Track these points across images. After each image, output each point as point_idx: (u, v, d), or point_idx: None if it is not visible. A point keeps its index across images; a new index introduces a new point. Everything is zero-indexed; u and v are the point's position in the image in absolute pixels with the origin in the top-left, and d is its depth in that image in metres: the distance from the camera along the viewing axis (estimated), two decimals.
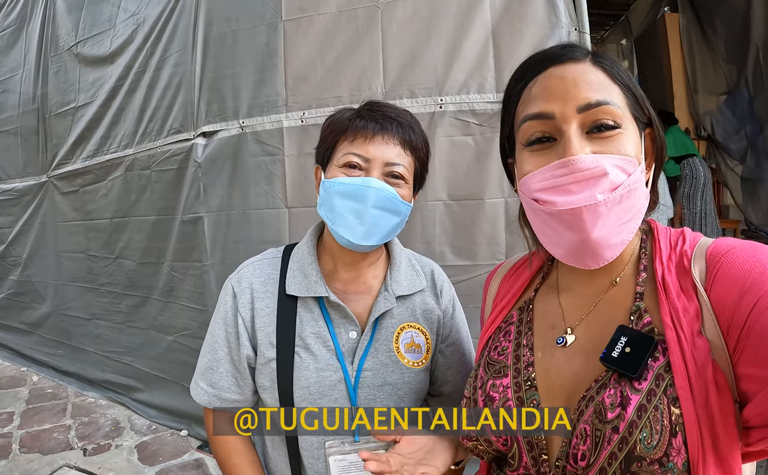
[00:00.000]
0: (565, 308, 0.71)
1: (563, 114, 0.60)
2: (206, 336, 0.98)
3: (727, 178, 4.92)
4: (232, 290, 0.96)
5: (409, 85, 2.11)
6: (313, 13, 2.24)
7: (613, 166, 0.58)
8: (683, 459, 0.53)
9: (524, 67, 0.67)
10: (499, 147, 0.76)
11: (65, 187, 3.44)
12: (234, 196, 2.43)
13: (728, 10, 4.55)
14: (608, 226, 0.59)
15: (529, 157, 0.64)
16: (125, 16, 2.99)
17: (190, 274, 2.68)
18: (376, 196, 0.86)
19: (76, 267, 3.47)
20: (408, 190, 0.92)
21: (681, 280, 0.61)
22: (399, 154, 0.89)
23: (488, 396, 0.69)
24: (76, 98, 3.28)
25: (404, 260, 1.02)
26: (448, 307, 1.04)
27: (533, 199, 0.64)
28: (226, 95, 2.44)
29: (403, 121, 0.91)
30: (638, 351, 0.58)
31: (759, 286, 0.53)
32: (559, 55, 0.64)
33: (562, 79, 0.62)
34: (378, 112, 0.90)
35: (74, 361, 3.60)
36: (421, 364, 0.97)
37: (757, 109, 4.44)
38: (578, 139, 0.60)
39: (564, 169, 0.59)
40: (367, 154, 0.87)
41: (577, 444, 0.59)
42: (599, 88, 0.61)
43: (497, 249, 2.03)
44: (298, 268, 0.95)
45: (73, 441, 2.83)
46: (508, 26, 2.04)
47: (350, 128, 0.89)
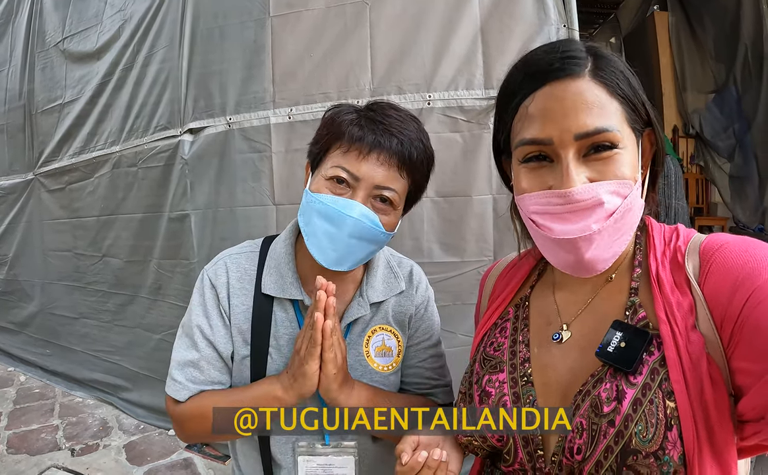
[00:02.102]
0: (560, 305, 0.72)
1: (561, 140, 0.60)
2: (179, 332, 0.94)
3: (715, 176, 4.96)
4: (210, 281, 0.92)
5: (397, 81, 2.11)
6: (301, 9, 2.23)
7: (608, 194, 0.59)
8: (679, 452, 0.53)
9: (521, 77, 0.65)
10: (492, 146, 0.76)
11: (52, 184, 3.40)
12: (221, 194, 2.41)
13: (717, 8, 4.58)
14: (602, 246, 0.60)
15: (526, 174, 0.65)
16: (112, 12, 2.96)
17: (177, 272, 2.66)
18: (354, 226, 0.81)
19: (63, 266, 3.44)
20: (395, 217, 0.87)
21: (675, 275, 0.62)
22: (393, 177, 0.83)
23: (484, 391, 0.69)
24: (62, 95, 3.25)
25: (382, 264, 0.98)
26: (421, 305, 1.00)
27: (530, 219, 0.65)
28: (213, 92, 2.42)
29: (404, 138, 0.83)
30: (633, 346, 0.59)
31: (752, 280, 0.53)
32: (559, 69, 0.61)
33: (561, 102, 0.60)
34: (380, 123, 0.83)
35: (62, 360, 3.56)
36: (391, 368, 0.95)
37: (745, 107, 4.48)
38: (575, 167, 0.60)
39: (560, 199, 0.60)
40: (357, 173, 0.81)
41: (573, 438, 0.60)
42: (598, 111, 0.59)
43: (485, 246, 2.03)
44: (274, 266, 0.92)
45: (61, 441, 2.80)
46: (496, 23, 2.04)
47: (347, 136, 0.82)
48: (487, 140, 2.00)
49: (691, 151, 5.21)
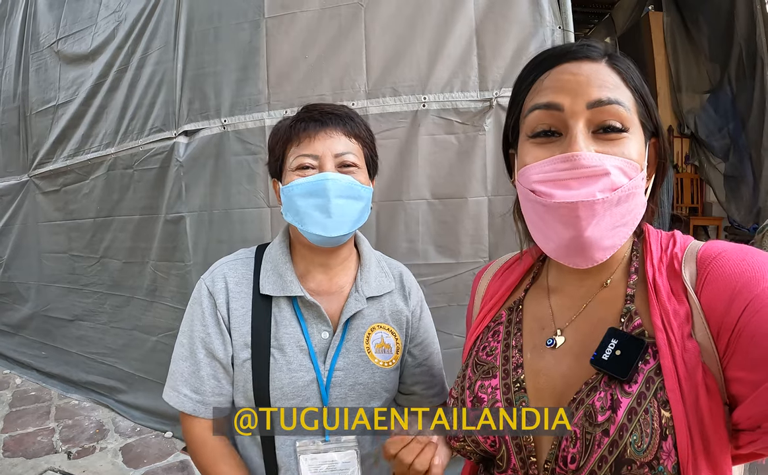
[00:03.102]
0: (555, 309, 0.71)
1: (572, 108, 0.60)
2: (179, 340, 0.96)
3: (710, 175, 4.98)
4: (207, 290, 0.94)
5: (393, 83, 2.11)
6: (296, 11, 2.23)
7: (615, 168, 0.58)
8: (673, 462, 0.52)
9: (538, 60, 0.67)
10: (502, 137, 0.75)
11: (47, 186, 3.38)
12: (216, 196, 2.40)
13: (712, 9, 4.60)
14: (602, 226, 0.59)
15: (532, 148, 0.64)
16: (107, 13, 2.94)
17: (173, 274, 2.65)
18: (335, 187, 0.88)
19: (58, 268, 3.42)
20: (363, 175, 0.94)
21: (671, 282, 0.61)
22: (345, 144, 0.91)
23: (476, 397, 0.69)
24: (56, 96, 3.23)
25: (374, 262, 1.03)
26: (416, 308, 1.05)
27: (531, 190, 0.63)
28: (208, 93, 2.41)
29: (341, 113, 0.93)
30: (628, 354, 0.58)
31: (749, 290, 0.53)
32: (576, 51, 0.63)
33: (576, 75, 0.61)
34: (315, 111, 0.93)
35: (58, 363, 3.55)
36: (391, 364, 0.98)
37: (740, 107, 4.50)
38: (584, 137, 0.59)
39: (566, 163, 0.59)
40: (315, 152, 0.89)
41: (566, 447, 0.59)
42: (612, 88, 0.60)
43: (480, 247, 2.04)
44: (272, 268, 0.95)
45: (57, 444, 2.79)
46: (492, 25, 2.05)
47: (293, 133, 0.91)
48: (482, 142, 2.00)
49: (686, 151, 5.23)
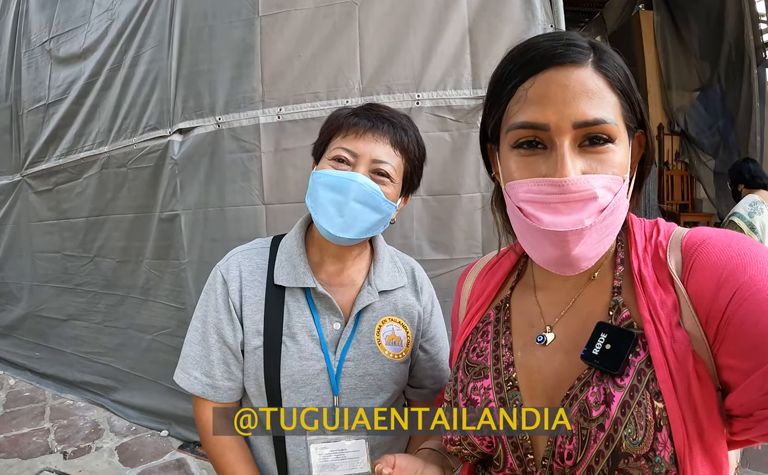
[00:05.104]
0: (543, 306, 0.70)
1: (558, 127, 0.58)
2: (193, 325, 0.98)
3: (700, 172, 5.04)
4: (221, 277, 0.96)
5: (386, 81, 2.13)
6: (290, 9, 2.24)
7: (601, 188, 0.58)
8: (670, 452, 0.53)
9: (522, 60, 0.62)
10: (480, 131, 0.73)
11: (39, 186, 3.36)
12: (211, 194, 2.41)
13: (702, 8, 4.65)
14: (589, 243, 0.59)
15: (517, 160, 0.62)
16: (99, 12, 2.93)
17: (168, 272, 2.65)
18: (357, 190, 0.88)
19: (51, 267, 3.40)
20: (394, 189, 0.93)
21: (657, 272, 0.61)
22: (388, 152, 0.91)
23: (470, 399, 0.68)
24: (48, 95, 3.21)
25: (387, 257, 1.05)
26: (428, 304, 1.07)
27: (518, 207, 0.62)
28: (202, 91, 2.41)
29: (396, 121, 0.93)
30: (618, 347, 0.58)
31: (736, 277, 0.53)
32: (563, 55, 0.59)
33: (563, 88, 0.58)
34: (373, 111, 0.93)
35: (52, 363, 3.53)
36: (401, 356, 0.99)
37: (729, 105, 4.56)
38: (571, 157, 0.58)
39: (554, 188, 0.58)
40: (355, 150, 0.90)
41: (562, 443, 0.59)
42: (599, 102, 0.58)
43: (474, 243, 2.06)
44: (286, 259, 0.97)
45: (53, 445, 2.78)
46: (484, 23, 2.07)
47: (344, 125, 0.92)
48: (475, 139, 2.00)
49: (677, 149, 5.29)
